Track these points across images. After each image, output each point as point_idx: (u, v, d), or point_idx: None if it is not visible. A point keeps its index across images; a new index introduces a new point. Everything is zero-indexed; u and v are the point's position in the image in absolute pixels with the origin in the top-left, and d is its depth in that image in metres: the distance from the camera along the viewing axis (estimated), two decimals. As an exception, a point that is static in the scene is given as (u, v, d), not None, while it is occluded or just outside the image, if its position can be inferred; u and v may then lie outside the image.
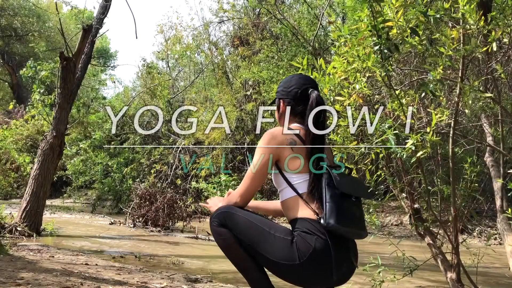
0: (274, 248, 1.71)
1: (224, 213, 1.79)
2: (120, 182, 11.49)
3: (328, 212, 1.68)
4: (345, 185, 1.76)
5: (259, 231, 1.74)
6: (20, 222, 5.97)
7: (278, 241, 1.71)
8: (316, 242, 1.67)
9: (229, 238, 1.75)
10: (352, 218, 1.73)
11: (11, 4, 20.15)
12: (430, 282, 4.27)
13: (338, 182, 1.73)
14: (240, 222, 1.75)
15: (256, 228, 1.74)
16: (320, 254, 1.67)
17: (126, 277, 3.32)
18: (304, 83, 1.94)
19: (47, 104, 7.97)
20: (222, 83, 13.69)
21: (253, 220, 1.77)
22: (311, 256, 1.66)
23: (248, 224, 1.75)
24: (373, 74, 2.83)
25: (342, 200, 1.72)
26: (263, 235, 1.73)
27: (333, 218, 1.67)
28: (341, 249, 1.72)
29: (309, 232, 1.69)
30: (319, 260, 1.68)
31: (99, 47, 26.11)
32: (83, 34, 6.57)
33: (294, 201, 1.78)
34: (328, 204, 1.69)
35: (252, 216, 1.79)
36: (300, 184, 1.79)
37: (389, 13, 2.37)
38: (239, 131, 12.05)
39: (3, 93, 24.04)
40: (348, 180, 1.81)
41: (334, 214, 1.67)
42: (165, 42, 15.84)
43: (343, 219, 1.68)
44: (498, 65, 2.99)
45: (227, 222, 1.76)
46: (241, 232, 1.74)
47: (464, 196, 3.17)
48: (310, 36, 10.82)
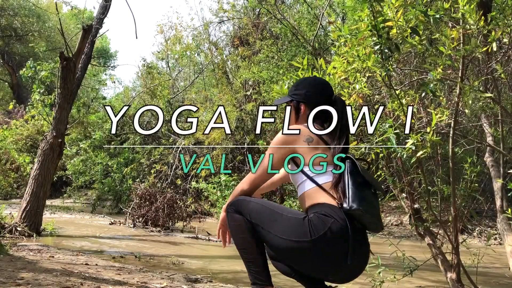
0: (286, 227, 1.74)
1: (240, 201, 1.89)
2: (120, 182, 11.48)
3: (352, 196, 1.69)
4: (368, 175, 1.81)
5: (270, 213, 1.80)
6: (20, 222, 5.97)
7: (289, 220, 1.75)
8: (333, 225, 1.67)
9: (242, 224, 1.84)
10: (373, 207, 1.75)
11: (11, 4, 20.14)
12: (430, 282, 4.27)
13: (363, 170, 1.78)
14: (252, 207, 1.84)
15: (267, 210, 1.82)
16: (334, 237, 1.66)
17: (126, 277, 3.31)
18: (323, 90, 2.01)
19: (47, 104, 7.97)
20: (222, 83, 13.68)
21: (265, 204, 1.85)
22: (324, 236, 1.66)
23: (260, 208, 1.83)
24: (373, 74, 2.83)
25: (364, 188, 1.75)
26: (273, 216, 1.79)
27: (356, 202, 1.68)
28: (357, 239, 1.71)
29: (327, 215, 1.70)
30: (332, 243, 1.67)
31: (99, 47, 26.11)
32: (83, 34, 6.57)
33: (315, 192, 1.80)
34: (351, 189, 1.72)
35: (263, 202, 1.88)
36: (319, 176, 1.81)
37: (389, 13, 2.37)
38: (239, 131, 12.05)
39: (3, 93, 24.04)
40: (368, 173, 1.86)
41: (358, 199, 1.69)
42: (165, 42, 15.84)
43: (366, 204, 1.70)
44: (498, 65, 2.99)
45: (241, 208, 1.86)
46: (253, 216, 1.82)
47: (464, 196, 3.17)
48: (310, 36, 10.83)
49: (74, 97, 7.64)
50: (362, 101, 2.88)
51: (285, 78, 3.00)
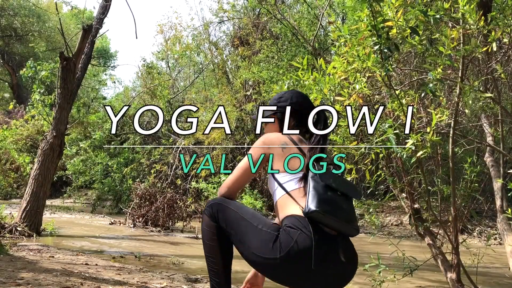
0: (258, 242, 1.71)
1: (218, 204, 1.87)
2: (120, 182, 11.49)
3: (310, 199, 1.66)
4: (330, 179, 1.75)
5: (246, 225, 1.77)
6: (20, 222, 5.97)
7: (263, 235, 1.71)
8: (299, 237, 1.63)
9: (213, 232, 1.85)
10: (337, 208, 1.69)
11: (11, 4, 20.14)
12: (430, 282, 4.27)
13: (322, 175, 1.74)
14: (230, 216, 1.82)
15: (244, 222, 1.78)
16: (301, 250, 1.62)
17: (126, 277, 3.32)
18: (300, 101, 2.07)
19: (47, 104, 7.97)
20: (222, 83, 13.69)
21: (243, 214, 1.81)
22: (290, 250, 1.63)
23: (238, 218, 1.80)
24: (373, 74, 2.83)
25: (326, 190, 1.71)
26: (250, 229, 1.76)
27: (314, 204, 1.64)
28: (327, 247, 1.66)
29: (294, 227, 1.66)
30: (299, 255, 1.63)
31: (99, 47, 26.10)
32: (83, 34, 6.57)
33: (284, 200, 1.78)
34: (311, 192, 1.69)
35: (243, 210, 1.84)
36: (289, 182, 1.79)
37: (389, 13, 2.37)
38: (239, 131, 12.05)
39: (3, 93, 24.04)
40: (335, 177, 1.80)
41: (316, 201, 1.65)
42: (165, 42, 15.84)
43: (326, 206, 1.65)
44: (498, 65, 2.99)
45: (218, 213, 1.84)
46: (229, 224, 1.81)
47: (464, 196, 3.17)
48: (310, 36, 10.82)
49: (74, 97, 7.63)
50: (362, 101, 2.88)
51: (285, 78, 3.00)
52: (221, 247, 1.84)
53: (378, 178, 3.11)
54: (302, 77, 2.87)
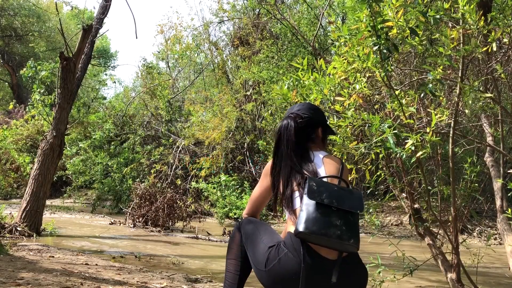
0: (255, 251, 1.84)
1: (244, 221, 2.03)
2: (120, 182, 11.48)
3: (299, 220, 1.65)
4: (324, 193, 1.69)
5: (255, 236, 1.89)
6: (20, 222, 5.98)
7: (259, 245, 1.83)
8: (284, 256, 1.69)
9: (236, 241, 1.99)
10: (328, 225, 1.63)
11: (11, 4, 20.14)
12: (430, 282, 4.27)
13: (313, 191, 1.69)
14: (247, 229, 1.96)
15: (255, 235, 1.90)
16: (282, 269, 1.68)
17: (126, 277, 3.32)
18: None
19: (47, 104, 7.97)
20: (222, 83, 13.69)
21: (257, 227, 1.94)
22: (274, 267, 1.71)
23: (251, 230, 1.94)
24: (373, 74, 2.83)
25: (317, 208, 1.65)
26: (255, 239, 1.88)
27: (302, 225, 1.62)
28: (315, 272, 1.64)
29: (284, 246, 1.72)
30: (280, 274, 1.69)
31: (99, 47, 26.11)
32: (83, 34, 6.57)
33: (289, 218, 1.82)
34: (301, 212, 1.67)
35: (258, 224, 1.97)
36: (297, 199, 1.80)
37: (389, 13, 2.36)
38: (239, 131, 12.04)
39: (3, 93, 24.04)
40: (332, 190, 1.72)
41: (303, 221, 1.63)
42: (165, 42, 15.84)
43: (314, 226, 1.62)
44: (498, 65, 2.99)
45: (242, 226, 2.00)
46: (245, 238, 1.95)
47: (464, 196, 3.17)
48: (310, 36, 10.82)
49: (74, 97, 7.63)
50: (362, 101, 2.88)
51: (285, 78, 3.00)
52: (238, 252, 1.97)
53: (378, 178, 3.11)
54: (302, 77, 2.87)
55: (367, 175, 3.06)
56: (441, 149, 3.50)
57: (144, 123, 13.39)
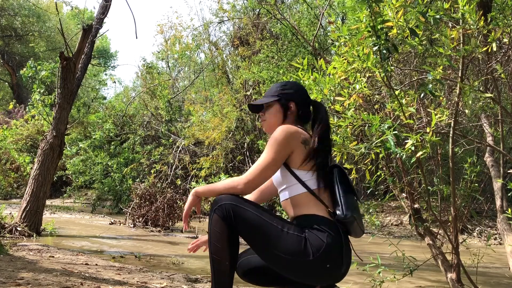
0: (286, 245, 1.69)
1: (233, 206, 1.73)
2: (120, 182, 11.48)
3: (345, 205, 1.76)
4: (351, 183, 1.87)
5: (271, 229, 1.71)
6: (20, 222, 5.97)
7: (291, 238, 1.70)
8: (328, 238, 1.71)
9: (224, 236, 1.75)
10: (359, 215, 1.82)
11: (11, 4, 20.15)
12: (430, 282, 4.27)
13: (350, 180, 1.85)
14: (249, 219, 1.71)
15: (266, 225, 1.71)
16: (332, 250, 1.71)
17: (126, 277, 3.32)
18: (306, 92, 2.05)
19: (47, 104, 7.97)
20: (222, 83, 13.68)
21: (263, 217, 1.72)
22: (324, 252, 1.69)
23: (258, 221, 1.71)
24: (373, 74, 2.83)
25: (353, 196, 1.82)
26: (274, 232, 1.70)
27: (350, 211, 1.75)
28: (348, 245, 1.79)
29: (320, 229, 1.72)
30: (331, 255, 1.71)
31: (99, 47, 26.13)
32: (83, 34, 6.57)
33: (305, 198, 1.79)
34: (344, 198, 1.78)
35: (260, 211, 1.74)
36: (310, 181, 1.80)
37: (389, 13, 2.37)
38: (239, 131, 12.04)
39: (3, 93, 24.05)
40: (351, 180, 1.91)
41: (351, 208, 1.76)
42: (165, 42, 15.85)
43: (357, 214, 1.78)
44: (498, 65, 2.99)
45: (234, 217, 1.72)
46: (248, 228, 1.72)
47: (464, 196, 3.17)
48: (310, 36, 10.82)
49: (74, 97, 7.63)
50: (362, 101, 2.88)
51: (285, 78, 3.00)
52: (230, 250, 1.76)
53: (378, 178, 3.11)
54: (302, 77, 2.87)
55: (367, 175, 3.06)
56: (441, 149, 3.50)
57: (144, 123, 13.39)
